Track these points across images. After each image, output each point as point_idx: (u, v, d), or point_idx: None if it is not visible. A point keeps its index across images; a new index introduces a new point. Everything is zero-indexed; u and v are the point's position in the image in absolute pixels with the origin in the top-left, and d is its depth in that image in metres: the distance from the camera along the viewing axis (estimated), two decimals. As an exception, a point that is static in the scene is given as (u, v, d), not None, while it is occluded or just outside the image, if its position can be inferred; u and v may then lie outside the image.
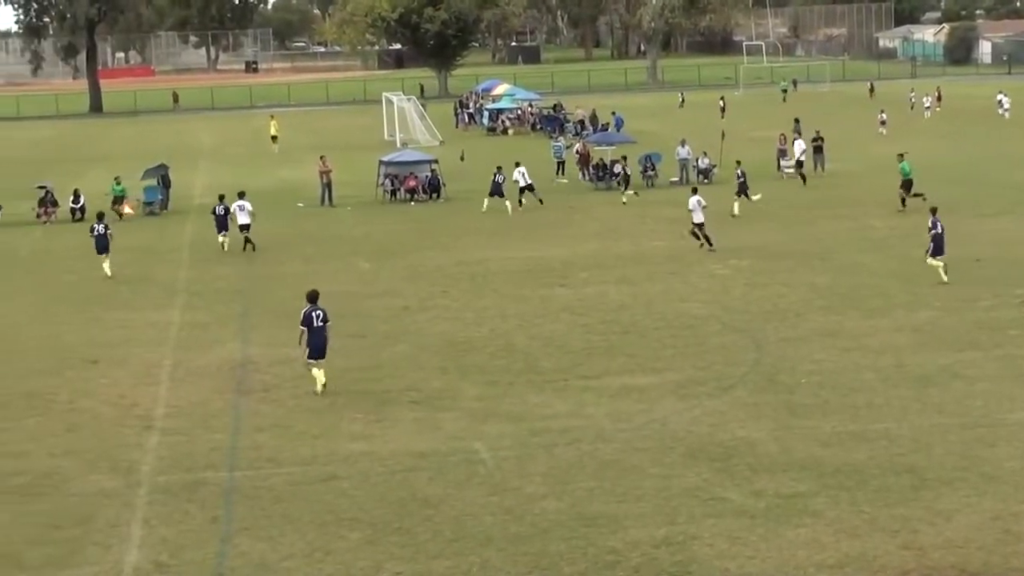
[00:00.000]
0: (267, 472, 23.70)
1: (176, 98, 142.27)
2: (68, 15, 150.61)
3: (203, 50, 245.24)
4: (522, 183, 56.31)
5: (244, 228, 48.12)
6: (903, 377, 28.34)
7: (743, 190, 52.26)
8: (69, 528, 21.35)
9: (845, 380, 28.20)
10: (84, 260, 46.63)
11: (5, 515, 22.04)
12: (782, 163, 63.88)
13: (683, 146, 63.72)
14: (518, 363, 30.76)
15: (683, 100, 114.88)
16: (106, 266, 43.98)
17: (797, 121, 74.28)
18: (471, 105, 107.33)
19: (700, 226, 44.01)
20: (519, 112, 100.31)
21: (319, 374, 28.68)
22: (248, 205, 48.44)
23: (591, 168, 64.28)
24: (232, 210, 48.49)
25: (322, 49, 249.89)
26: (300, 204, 60.43)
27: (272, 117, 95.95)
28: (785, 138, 65.23)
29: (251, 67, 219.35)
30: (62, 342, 34.65)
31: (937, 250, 37.69)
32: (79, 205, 58.14)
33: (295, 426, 26.39)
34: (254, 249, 47.73)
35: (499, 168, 56.00)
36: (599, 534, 20.14)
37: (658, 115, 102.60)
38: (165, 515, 21.72)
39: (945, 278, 37.31)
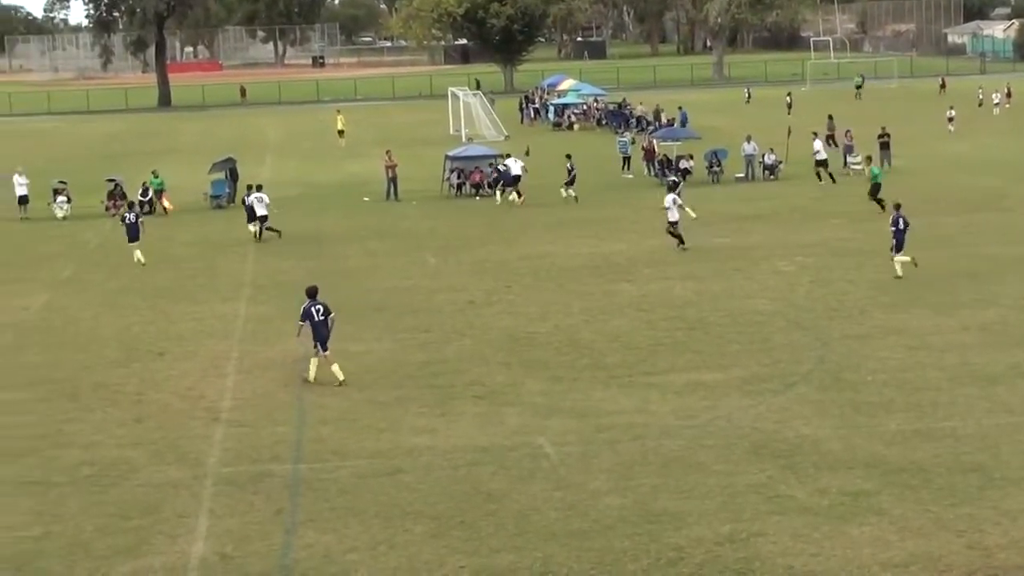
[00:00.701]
0: (332, 465, 23.82)
1: (244, 92, 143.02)
2: (138, 10, 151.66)
3: (271, 45, 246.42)
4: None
5: (261, 219, 49.83)
6: (969, 375, 28.15)
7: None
8: (136, 518, 21.54)
9: (910, 378, 28.04)
10: (151, 253, 47.02)
11: (74, 505, 22.27)
12: (848, 160, 63.49)
13: (749, 142, 63.46)
14: (583, 358, 30.76)
15: (749, 96, 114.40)
16: (138, 254, 45.25)
17: (830, 118, 73.97)
18: (537, 100, 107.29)
19: (674, 224, 44.09)
20: (584, 107, 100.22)
21: (335, 368, 29.21)
22: (265, 197, 50.37)
23: (656, 164, 64.14)
24: (249, 201, 50.36)
25: (388, 44, 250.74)
26: (366, 198, 60.65)
27: (339, 112, 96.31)
28: (851, 134, 64.83)
29: (318, 62, 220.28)
30: (130, 334, 34.96)
31: (898, 246, 38.50)
32: (147, 198, 58.58)
33: (360, 419, 26.51)
34: (279, 236, 49.44)
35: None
36: (663, 531, 20.13)
37: (724, 111, 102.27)
38: (230, 506, 21.89)
39: (900, 272, 38.10)
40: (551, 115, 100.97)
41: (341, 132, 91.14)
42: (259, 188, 51.23)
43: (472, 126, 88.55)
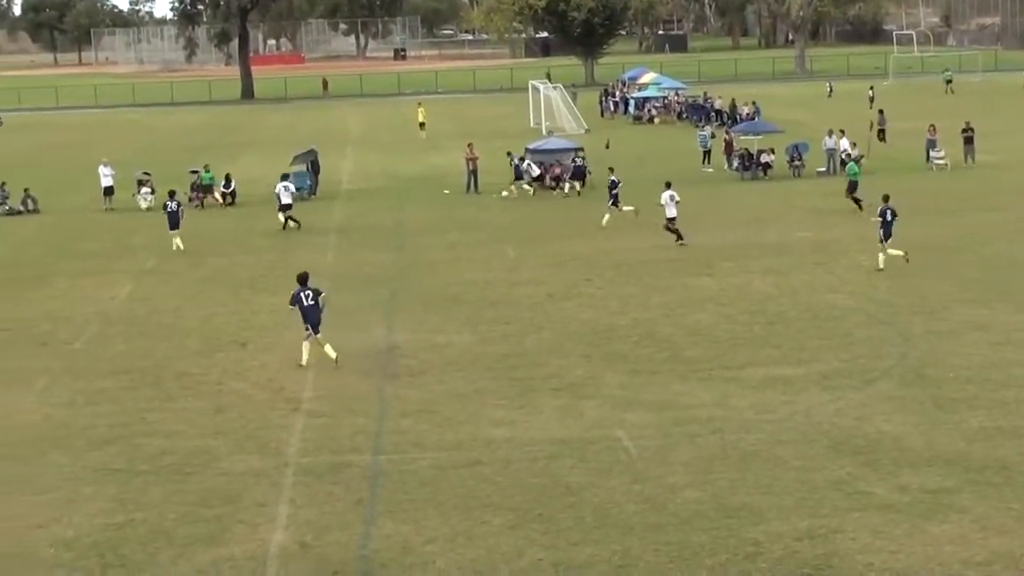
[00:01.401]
0: (412, 456, 23.93)
1: (325, 85, 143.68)
2: (222, 3, 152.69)
3: (352, 37, 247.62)
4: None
5: (286, 207, 51.19)
6: (1054, 373, 27.88)
7: (615, 201, 49.33)
8: (217, 507, 21.75)
9: (994, 375, 27.78)
10: (235, 244, 47.52)
11: (157, 493, 22.51)
12: (931, 154, 62.93)
13: (830, 136, 63.01)
14: (662, 352, 30.72)
15: (831, 90, 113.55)
16: (177, 241, 46.49)
17: (881, 112, 73.37)
18: (617, 94, 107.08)
19: (672, 220, 44.16)
20: (665, 101, 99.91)
21: (327, 348, 30.20)
22: (292, 187, 52.16)
23: (737, 157, 63.85)
24: (276, 191, 51.81)
25: (469, 37, 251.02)
26: (446, 191, 60.78)
27: (420, 104, 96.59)
28: (935, 129, 64.24)
29: (399, 54, 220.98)
30: (212, 324, 35.26)
31: (886, 237, 38.87)
32: (230, 190, 59.09)
33: (440, 411, 26.61)
34: (298, 227, 50.52)
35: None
36: (741, 525, 20.09)
37: (805, 105, 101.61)
38: (310, 496, 22.05)
39: (882, 265, 38.55)
40: (631, 108, 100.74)
41: (422, 124, 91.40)
42: (286, 177, 53.09)
43: (552, 119, 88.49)
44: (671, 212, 44.11)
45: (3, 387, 29.70)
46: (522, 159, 60.37)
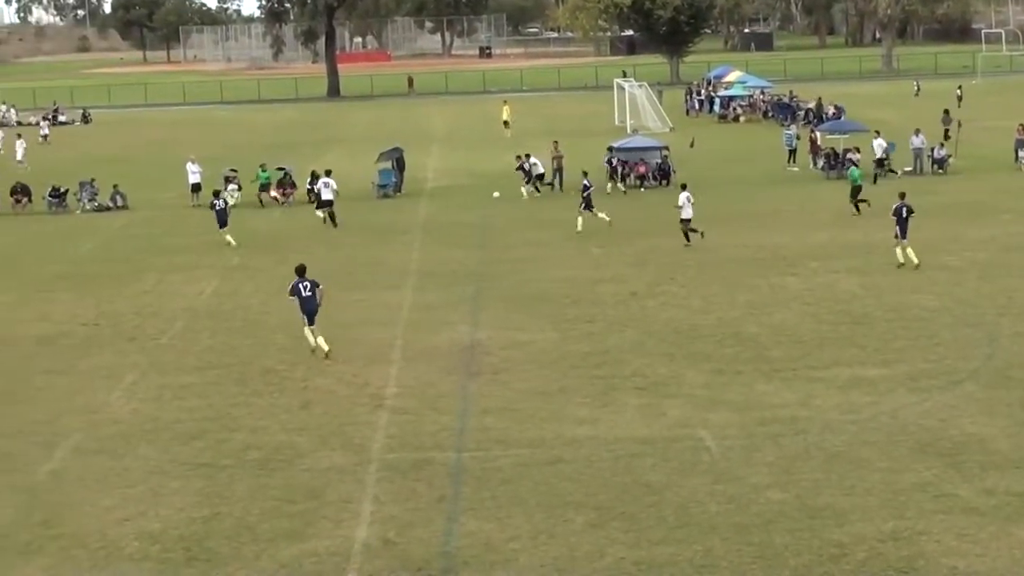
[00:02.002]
0: (494, 453, 23.99)
1: (411, 82, 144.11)
2: (308, 1, 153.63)
3: (438, 35, 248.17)
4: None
5: (327, 204, 52.03)
6: None
7: (588, 204, 48.57)
8: (301, 502, 21.91)
9: (1083, 377, 27.48)
10: (321, 241, 47.82)
11: (242, 488, 22.71)
12: (1020, 154, 62.21)
13: (917, 135, 62.41)
14: (746, 351, 30.60)
15: (918, 89, 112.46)
16: (228, 237, 47.59)
17: (947, 112, 72.61)
18: (702, 92, 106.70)
19: (686, 222, 44.18)
20: (750, 99, 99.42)
21: (320, 340, 31.29)
22: (333, 183, 52.89)
23: (822, 157, 63.39)
24: (317, 187, 52.87)
25: (555, 35, 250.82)
26: (534, 190, 60.74)
27: (505, 102, 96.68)
28: (1023, 128, 63.49)
29: (485, 52, 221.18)
30: (297, 320, 35.42)
31: (902, 235, 39.35)
32: (316, 187, 59.35)
33: (523, 409, 26.65)
34: (335, 225, 51.07)
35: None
36: (824, 526, 19.99)
37: (892, 104, 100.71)
38: (393, 492, 22.16)
39: (902, 260, 39.16)
40: (716, 107, 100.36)
41: (506, 122, 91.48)
42: (327, 173, 53.69)
43: (637, 117, 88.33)
44: (687, 213, 44.20)
45: (93, 382, 30.07)
46: (528, 155, 60.48)
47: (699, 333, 32.51)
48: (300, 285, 31.74)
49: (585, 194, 48.37)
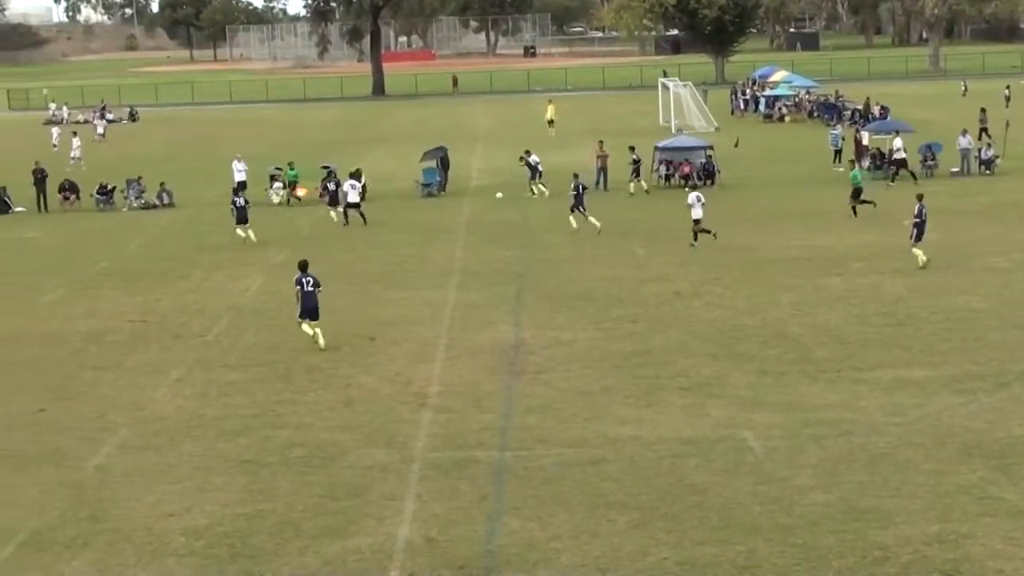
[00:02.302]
0: (537, 453, 24.01)
1: (455, 82, 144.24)
2: (354, 0, 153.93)
3: (483, 35, 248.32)
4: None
5: (354, 206, 52.20)
6: None
7: (579, 205, 48.45)
8: (344, 500, 21.98)
9: None
10: (363, 239, 47.93)
11: (285, 485, 22.80)
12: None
13: (964, 136, 62.09)
14: (790, 352, 30.52)
15: (965, 89, 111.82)
16: (251, 233, 48.23)
17: (983, 111, 72.19)
18: (747, 92, 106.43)
19: (697, 222, 44.21)
20: (796, 99, 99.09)
21: (316, 333, 32.06)
22: (359, 184, 53.40)
23: (868, 157, 63.10)
24: (344, 188, 52.87)
25: (599, 34, 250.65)
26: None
27: (550, 101, 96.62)
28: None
29: (529, 52, 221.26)
30: (342, 318, 35.55)
31: (918, 237, 39.43)
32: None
33: (565, 408, 26.66)
34: (364, 223, 51.43)
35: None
36: (869, 528, 19.92)
37: (939, 104, 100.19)
38: (436, 491, 22.20)
39: (921, 264, 39.09)
40: (762, 106, 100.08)
41: (551, 122, 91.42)
42: (354, 175, 54.21)
43: (682, 117, 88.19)
44: (696, 213, 44.27)
45: (139, 378, 30.25)
46: (528, 153, 61.19)
47: (743, 333, 32.44)
48: (303, 280, 32.37)
49: (575, 194, 48.38)
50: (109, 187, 60.64)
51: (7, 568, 19.65)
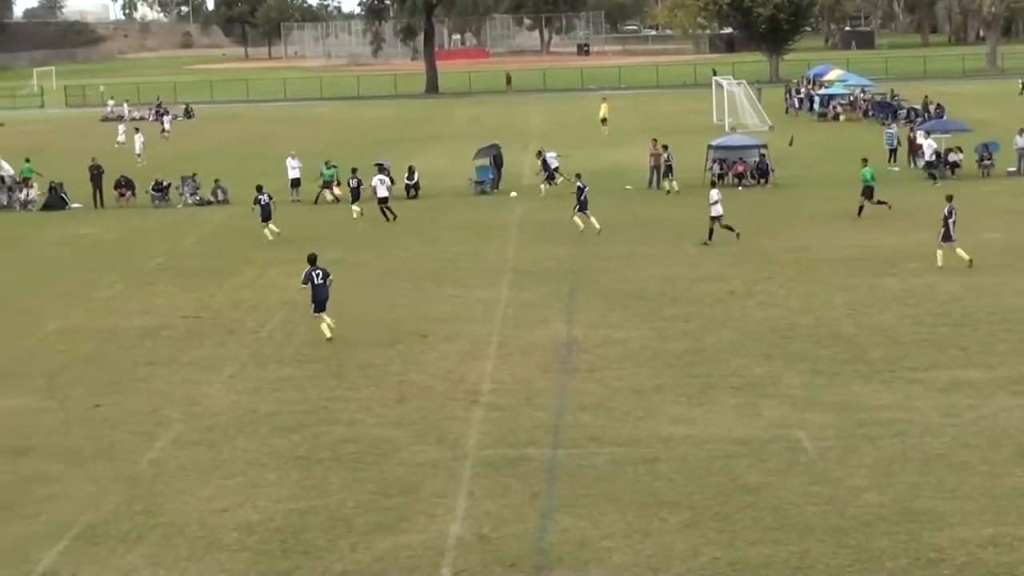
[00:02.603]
0: (589, 451, 23.99)
1: (509, 80, 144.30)
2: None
3: (536, 33, 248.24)
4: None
5: (383, 201, 52.56)
6: None
7: (583, 206, 48.21)
8: (396, 496, 22.03)
9: None
10: (416, 236, 48.03)
11: (338, 481, 22.86)
12: None
13: (1021, 135, 61.58)
14: (844, 352, 30.37)
15: (1023, 88, 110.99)
16: (272, 229, 48.75)
17: None
18: (802, 90, 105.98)
19: (717, 219, 44.42)
20: (851, 98, 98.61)
21: (324, 326, 32.80)
22: (387, 180, 53.94)
23: (923, 156, 62.68)
24: (373, 183, 53.36)
25: (653, 32, 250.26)
26: (628, 187, 60.70)
27: (604, 100, 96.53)
28: None
29: (583, 50, 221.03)
30: (395, 315, 35.67)
31: (946, 236, 39.37)
32: (413, 182, 59.78)
33: (618, 407, 26.63)
34: (395, 218, 52.04)
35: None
36: (923, 530, 19.79)
37: (996, 103, 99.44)
38: (488, 488, 22.21)
39: (940, 263, 39.07)
40: (816, 105, 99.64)
41: (604, 120, 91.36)
42: (381, 170, 54.57)
43: (736, 115, 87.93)
44: (717, 211, 44.45)
45: (193, 374, 30.42)
46: (541, 150, 61.50)
47: (797, 333, 32.31)
48: (313, 273, 33.01)
49: (580, 196, 48.28)
50: (164, 183, 61.02)
51: (62, 561, 19.81)
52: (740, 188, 59.12)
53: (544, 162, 61.15)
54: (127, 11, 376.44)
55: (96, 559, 19.86)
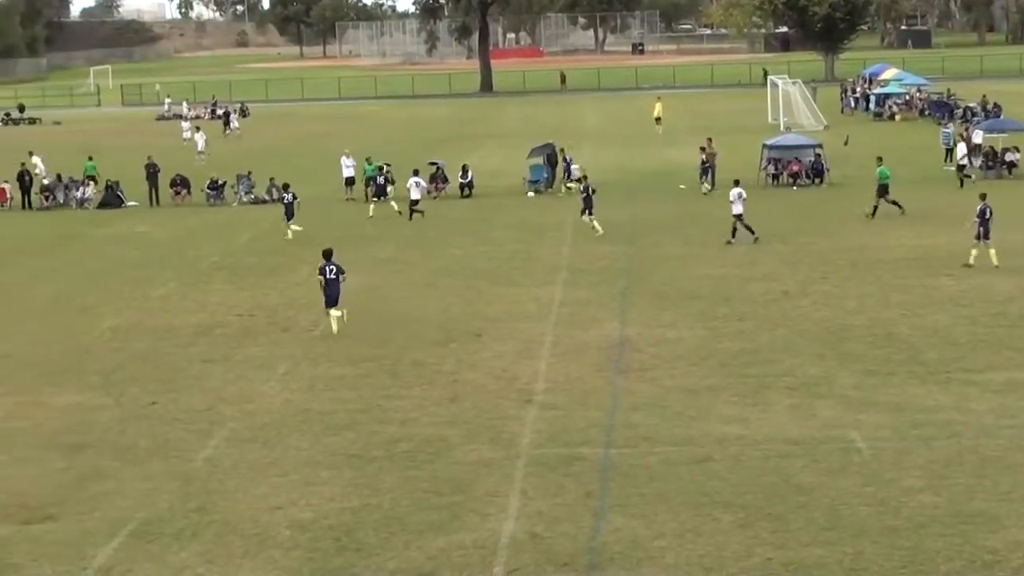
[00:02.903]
0: (642, 451, 23.96)
1: (563, 79, 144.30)
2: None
3: (591, 32, 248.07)
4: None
5: (413, 203, 52.96)
6: None
7: (588, 206, 48.29)
8: (449, 495, 22.06)
9: None
10: (470, 235, 48.06)
11: (392, 479, 22.92)
12: None
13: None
14: (899, 353, 30.21)
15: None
16: (293, 228, 49.01)
17: None
18: (858, 90, 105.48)
19: (739, 217, 44.48)
20: (907, 97, 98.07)
21: (333, 319, 33.39)
22: (422, 182, 54.11)
23: (980, 155, 62.29)
24: (408, 185, 53.70)
25: (708, 32, 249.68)
26: (681, 186, 60.58)
27: (658, 99, 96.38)
28: None
29: (637, 49, 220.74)
30: (448, 314, 35.73)
31: (986, 234, 39.43)
32: (467, 181, 59.87)
33: (671, 406, 26.58)
34: (423, 216, 52.23)
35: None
36: (978, 532, 19.67)
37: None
38: (541, 487, 22.22)
39: (972, 262, 39.07)
40: (872, 105, 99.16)
41: (658, 119, 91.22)
42: (416, 173, 54.37)
43: (791, 115, 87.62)
44: (737, 209, 44.64)
45: (247, 371, 30.57)
46: (562, 149, 62.34)
47: (851, 333, 32.17)
48: (326, 268, 33.60)
49: (585, 196, 48.35)
50: (220, 182, 61.34)
51: (117, 557, 19.94)
52: (795, 188, 58.92)
53: (565, 159, 61.58)
54: (183, 10, 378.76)
55: (150, 556, 19.99)
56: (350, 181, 60.22)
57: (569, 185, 59.98)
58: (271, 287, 40.41)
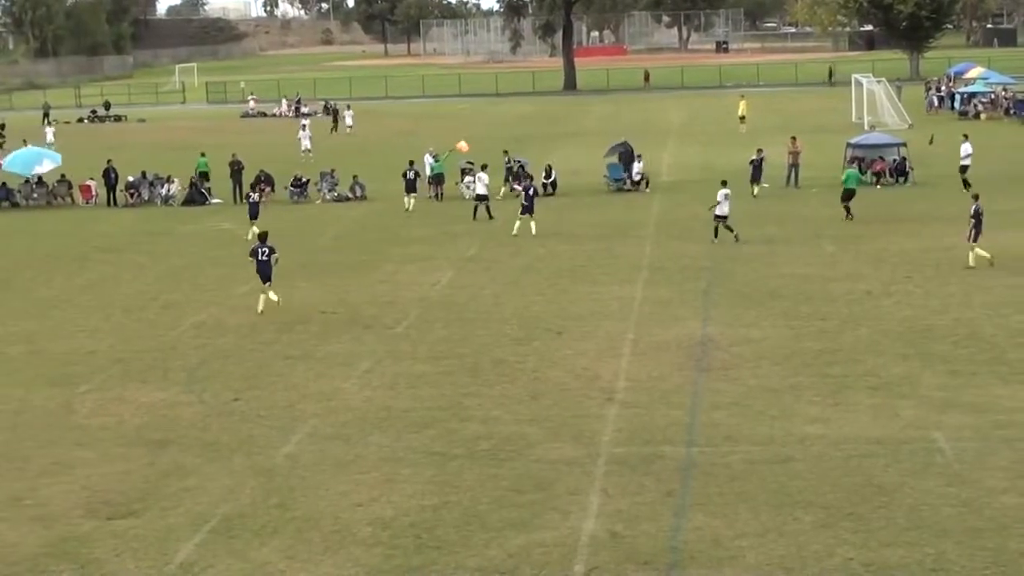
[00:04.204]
0: (724, 450, 23.91)
1: (647, 77, 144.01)
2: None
3: (675, 30, 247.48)
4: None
5: (480, 199, 53.21)
6: None
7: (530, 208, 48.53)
8: (530, 493, 22.10)
9: None
10: (555, 234, 48.04)
11: (472, 477, 22.99)
12: None
13: None
14: (983, 353, 29.95)
15: None
16: (252, 231, 47.49)
17: None
18: (942, 88, 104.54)
19: (723, 219, 44.89)
20: (992, 96, 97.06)
21: (262, 298, 36.38)
22: (484, 177, 53.80)
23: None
24: (467, 181, 55.97)
25: (792, 30, 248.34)
26: (765, 184, 60.29)
27: (742, 97, 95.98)
28: None
29: (721, 47, 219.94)
30: (530, 312, 35.79)
31: (975, 236, 39.45)
32: (551, 180, 59.89)
33: (753, 405, 26.50)
34: (491, 217, 52.07)
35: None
36: (1062, 534, 19.51)
37: None
38: (621, 486, 22.22)
39: (972, 263, 39.15)
40: (957, 104, 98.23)
41: (742, 118, 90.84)
42: (484, 168, 54.92)
43: (875, 114, 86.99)
44: (722, 210, 45.00)
45: (329, 369, 30.75)
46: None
47: (935, 334, 31.93)
48: (259, 249, 36.77)
49: (526, 198, 48.73)
50: (303, 179, 61.74)
51: (199, 553, 20.14)
52: (879, 187, 58.51)
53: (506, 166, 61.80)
54: (268, 8, 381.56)
55: (232, 551, 20.17)
56: (439, 178, 60.27)
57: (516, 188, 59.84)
58: (354, 284, 40.64)
